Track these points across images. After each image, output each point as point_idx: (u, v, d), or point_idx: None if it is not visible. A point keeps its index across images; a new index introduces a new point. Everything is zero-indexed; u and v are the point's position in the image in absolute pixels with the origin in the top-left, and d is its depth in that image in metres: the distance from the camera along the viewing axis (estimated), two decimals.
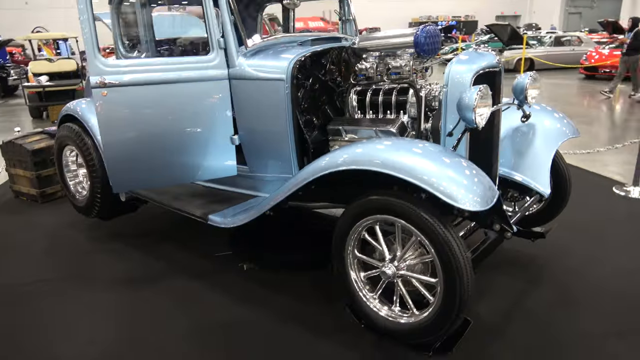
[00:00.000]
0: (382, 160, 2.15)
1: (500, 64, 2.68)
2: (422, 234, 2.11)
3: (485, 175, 2.19)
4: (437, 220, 2.07)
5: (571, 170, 3.12)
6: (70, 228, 4.30)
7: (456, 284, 2.06)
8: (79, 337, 2.73)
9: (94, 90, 2.74)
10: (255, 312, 2.87)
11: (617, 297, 2.97)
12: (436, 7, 38.59)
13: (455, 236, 2.07)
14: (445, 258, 2.06)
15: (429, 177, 2.03)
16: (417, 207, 2.10)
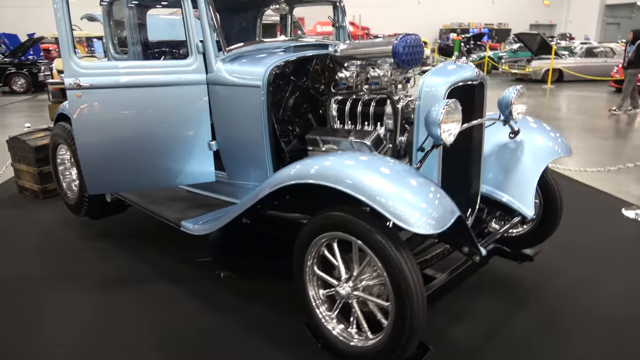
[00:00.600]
0: (336, 176, 2.05)
1: (480, 78, 2.54)
2: (375, 255, 2.01)
3: (446, 196, 2.07)
4: (389, 242, 1.97)
5: (580, 188, 2.97)
6: (64, 226, 4.35)
7: (406, 309, 1.95)
8: (48, 337, 2.74)
9: (68, 92, 2.75)
10: (226, 320, 2.84)
11: (607, 321, 2.82)
12: (468, 14, 38.01)
13: (408, 260, 1.96)
14: (396, 281, 1.96)
15: (381, 196, 1.93)
16: (371, 227, 2.00)
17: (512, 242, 3.30)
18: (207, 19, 2.89)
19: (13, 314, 2.99)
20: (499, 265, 3.38)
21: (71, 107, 2.78)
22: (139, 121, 2.93)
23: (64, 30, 2.66)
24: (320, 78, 3.11)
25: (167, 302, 3.07)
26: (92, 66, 2.79)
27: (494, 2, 38.26)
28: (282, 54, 3.02)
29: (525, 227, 3.31)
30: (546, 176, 3.09)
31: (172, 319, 2.89)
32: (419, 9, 37.99)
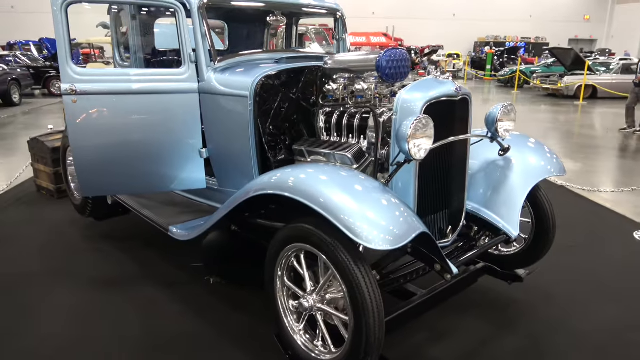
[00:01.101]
0: (295, 187, 2.07)
1: (461, 93, 2.50)
2: (335, 268, 2.01)
3: (410, 212, 2.05)
4: (348, 256, 1.96)
5: (592, 209, 2.86)
6: (71, 226, 4.50)
7: (362, 324, 1.93)
8: (38, 332, 2.85)
9: (64, 97, 2.87)
10: (208, 327, 2.89)
11: (594, 351, 2.71)
12: (505, 27, 37.42)
13: (365, 275, 1.95)
14: (353, 295, 1.94)
15: (337, 209, 1.93)
16: (331, 240, 2.00)
17: (505, 262, 3.22)
18: (200, 29, 2.97)
19: (8, 308, 3.12)
20: (491, 285, 3.31)
21: (67, 111, 2.89)
22: (131, 127, 3.02)
23: (62, 38, 2.78)
24: (312, 90, 3.13)
25: (155, 305, 3.14)
26: (87, 73, 2.91)
27: (531, 16, 37.54)
28: (274, 65, 3.05)
29: (517, 247, 3.22)
30: (538, 195, 3.01)
31: (158, 321, 2.97)
32: (454, 22, 37.67)
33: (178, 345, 2.72)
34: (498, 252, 3.29)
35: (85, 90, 2.87)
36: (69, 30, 2.80)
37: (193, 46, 3.03)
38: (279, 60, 3.16)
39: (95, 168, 3.04)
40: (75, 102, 2.87)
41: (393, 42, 36.41)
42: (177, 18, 2.94)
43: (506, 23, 37.33)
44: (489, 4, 37.48)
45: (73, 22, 2.86)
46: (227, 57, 3.14)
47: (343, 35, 3.86)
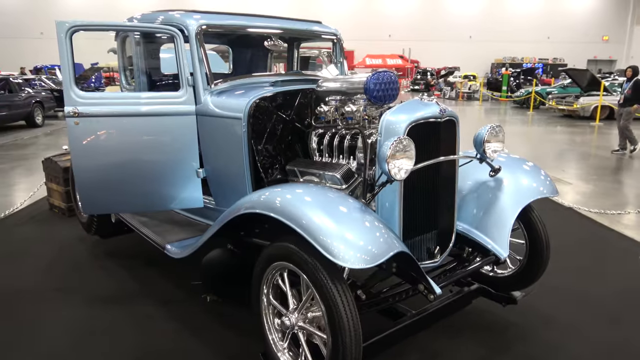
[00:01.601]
0: (281, 207, 2.12)
1: (446, 115, 2.53)
2: (314, 287, 2.04)
3: (388, 231, 2.08)
4: (326, 274, 1.99)
5: (599, 231, 2.82)
6: (78, 243, 4.62)
7: (339, 342, 1.95)
8: (36, 348, 2.92)
9: (67, 119, 3.00)
10: (202, 345, 2.93)
11: None
12: (522, 48, 37.44)
13: (343, 294, 1.98)
14: (330, 314, 1.97)
15: (314, 229, 1.97)
16: (309, 258, 2.04)
17: (500, 284, 3.20)
18: (197, 54, 3.09)
19: (9, 322, 3.21)
20: (487, 307, 3.28)
21: (69, 133, 3.02)
22: (131, 148, 3.13)
23: (66, 63, 2.92)
24: (307, 111, 3.21)
25: (153, 322, 3.20)
26: (90, 96, 3.04)
27: (549, 37, 37.49)
28: (269, 88, 3.15)
29: (512, 268, 3.20)
30: (531, 217, 3.00)
31: (154, 338, 3.02)
32: (471, 43, 37.85)
33: None
34: (493, 274, 3.28)
35: (87, 112, 3.00)
36: (73, 55, 2.94)
37: (191, 70, 3.14)
38: (274, 83, 3.25)
39: (96, 187, 3.15)
40: (78, 124, 3.00)
41: (409, 64, 36.72)
42: (175, 43, 3.07)
43: (523, 44, 37.36)
44: (506, 26, 37.61)
45: (95, 47, 3.00)
46: (225, 81, 3.24)
47: (340, 58, 3.95)
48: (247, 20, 3.51)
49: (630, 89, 9.45)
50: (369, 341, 2.39)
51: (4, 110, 12.16)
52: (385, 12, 38.11)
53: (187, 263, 3.70)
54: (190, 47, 3.09)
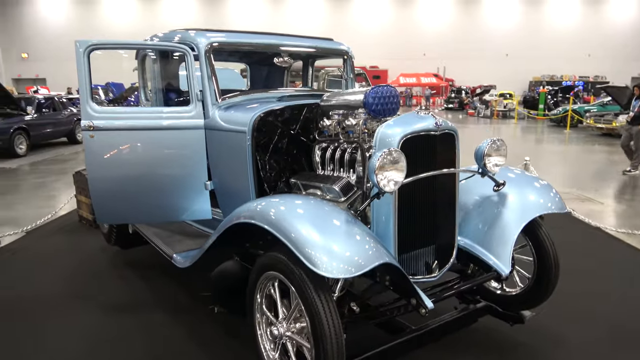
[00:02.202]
0: (273, 218, 2.16)
1: (442, 128, 2.52)
2: (299, 296, 2.06)
3: (376, 244, 2.09)
4: (309, 284, 2.01)
5: (626, 252, 2.69)
6: (101, 253, 4.80)
7: (320, 351, 1.95)
8: (50, 351, 3.05)
9: (83, 132, 3.16)
10: (206, 354, 3.00)
11: None
12: (562, 66, 36.53)
13: (326, 303, 1.98)
14: (312, 322, 1.98)
15: (299, 239, 2.01)
16: (295, 267, 2.06)
17: (508, 303, 3.11)
18: (206, 70, 3.21)
19: (28, 325, 3.37)
20: (496, 326, 3.19)
21: (85, 146, 3.18)
22: (141, 160, 3.26)
23: (84, 79, 3.09)
24: (312, 126, 3.26)
25: (162, 330, 3.29)
26: (104, 110, 3.20)
27: (589, 55, 36.48)
28: (275, 103, 3.22)
29: (521, 287, 3.11)
30: (539, 233, 2.92)
31: (162, 345, 3.12)
32: (507, 61, 37.27)
33: None
34: (501, 292, 3.19)
35: (101, 126, 3.15)
36: (90, 72, 3.11)
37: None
38: (281, 98, 3.33)
39: (109, 197, 3.29)
40: (93, 137, 3.15)
41: (444, 82, 36.45)
42: (186, 60, 3.20)
43: (562, 62, 36.49)
44: (544, 43, 36.88)
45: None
46: (233, 96, 3.34)
47: (350, 74, 4.00)
48: (257, 38, 3.62)
49: (639, 107, 9.04)
50: (364, 355, 2.38)
51: (49, 127, 12.82)
52: (419, 30, 38.12)
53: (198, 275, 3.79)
54: (200, 63, 3.22)
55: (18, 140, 11.55)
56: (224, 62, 4.74)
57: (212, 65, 3.21)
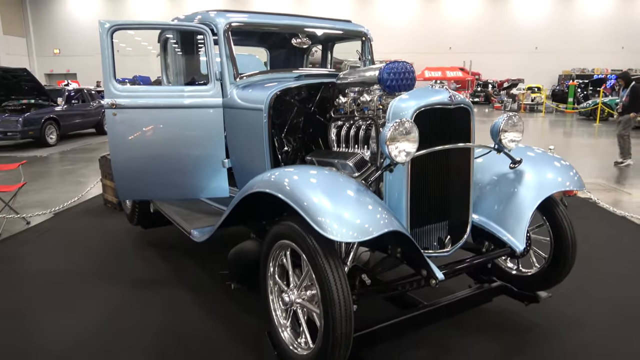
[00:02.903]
0: (281, 186, 2.20)
1: (456, 102, 2.50)
2: (309, 262, 2.09)
3: (384, 211, 2.11)
4: (319, 249, 2.03)
5: None
6: (124, 234, 4.94)
7: (329, 317, 1.98)
8: (75, 319, 3.19)
9: (106, 111, 3.26)
10: (222, 327, 3.07)
11: None
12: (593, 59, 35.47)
13: (334, 269, 2.01)
14: (322, 288, 2.01)
15: (309, 205, 2.03)
16: (306, 234, 2.09)
17: (523, 283, 3.08)
18: (224, 49, 3.26)
19: (55, 298, 3.52)
20: (512, 307, 3.17)
21: (108, 124, 3.28)
22: (162, 138, 3.34)
23: (107, 58, 3.19)
24: (329, 105, 3.28)
25: (181, 305, 3.38)
26: (127, 89, 3.29)
27: (623, 47, 35.31)
28: (292, 81, 3.25)
29: (537, 267, 3.07)
30: (557, 212, 2.88)
31: (180, 319, 3.20)
32: (536, 55, 36.39)
33: (192, 341, 2.91)
34: (517, 272, 3.16)
35: (123, 104, 3.24)
36: (113, 52, 3.20)
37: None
38: (298, 78, 3.35)
39: (129, 174, 3.38)
40: (115, 115, 3.25)
41: (470, 77, 35.85)
42: (205, 40, 3.26)
43: (594, 55, 35.41)
44: (575, 36, 35.87)
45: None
46: (251, 75, 3.39)
47: (368, 56, 3.99)
48: (275, 19, 3.65)
49: (628, 97, 8.80)
50: (373, 327, 2.40)
51: (78, 118, 13.18)
52: (445, 24, 37.54)
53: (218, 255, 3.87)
54: (219, 43, 3.27)
55: (49, 130, 11.92)
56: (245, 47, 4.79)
57: (231, 45, 3.26)
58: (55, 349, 2.83)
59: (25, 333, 3.01)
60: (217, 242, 4.37)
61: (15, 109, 11.77)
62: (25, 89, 11.87)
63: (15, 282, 3.78)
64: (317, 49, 4.56)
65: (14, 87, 11.74)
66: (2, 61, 27.58)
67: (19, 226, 5.26)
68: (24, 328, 3.07)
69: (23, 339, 2.93)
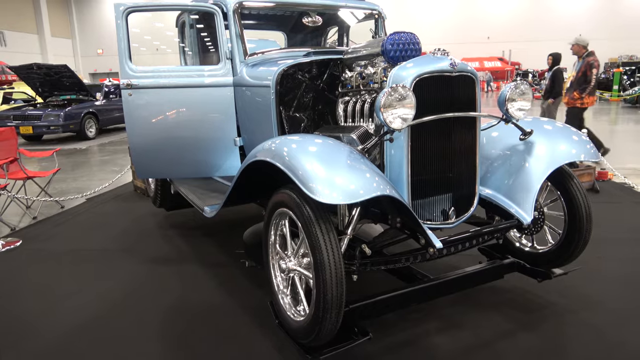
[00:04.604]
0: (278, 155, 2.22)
1: (458, 70, 2.44)
2: (302, 227, 2.10)
3: (376, 176, 2.09)
4: (312, 214, 2.05)
5: None
6: (150, 217, 5.11)
7: (320, 281, 1.99)
8: (99, 288, 3.36)
9: (122, 92, 3.37)
10: (234, 300, 3.14)
11: None
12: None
13: (326, 233, 2.02)
14: (313, 252, 2.02)
15: (299, 169, 2.05)
16: (300, 201, 2.11)
17: (537, 260, 2.99)
18: (234, 29, 3.31)
19: (81, 273, 3.70)
20: (526, 285, 3.10)
21: (124, 104, 3.39)
22: (175, 117, 3.43)
23: (123, 40, 3.30)
24: (337, 82, 3.27)
25: (195, 280, 3.49)
26: (141, 69, 3.39)
27: None
28: (300, 58, 3.26)
29: (552, 244, 2.98)
30: (571, 185, 2.77)
31: (192, 290, 3.32)
32: None
33: (205, 313, 2.99)
34: (530, 249, 3.07)
35: (138, 84, 3.35)
36: (128, 34, 3.30)
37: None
38: (307, 55, 3.36)
39: (147, 154, 3.49)
40: (131, 95, 3.36)
41: (509, 66, 34.79)
42: (215, 20, 3.32)
43: None
44: (622, 21, 34.18)
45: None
46: (260, 53, 3.42)
47: (382, 34, 3.95)
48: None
49: (550, 80, 7.72)
50: (376, 298, 2.40)
51: (116, 112, 13.66)
52: (483, 13, 36.54)
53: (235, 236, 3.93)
54: (229, 22, 3.32)
55: (88, 124, 12.42)
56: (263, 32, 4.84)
57: (241, 24, 3.31)
58: (79, 317, 2.98)
59: (51, 304, 3.17)
60: (235, 225, 4.51)
61: (58, 104, 12.32)
62: (66, 84, 12.41)
63: (47, 259, 3.99)
64: (334, 31, 4.55)
65: (56, 83, 12.30)
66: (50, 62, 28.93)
67: (54, 210, 5.52)
68: (51, 299, 3.24)
69: (49, 310, 3.09)
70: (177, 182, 4.20)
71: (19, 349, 2.65)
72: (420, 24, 29.65)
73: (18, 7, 29.24)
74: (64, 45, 34.73)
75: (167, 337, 2.72)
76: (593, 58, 6.98)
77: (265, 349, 2.55)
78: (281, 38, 4.83)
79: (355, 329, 2.27)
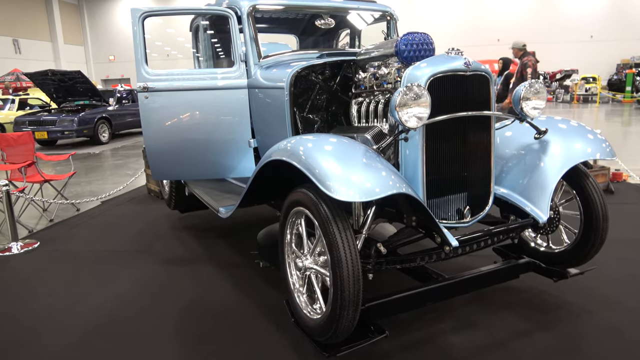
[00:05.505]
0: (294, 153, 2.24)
1: (472, 69, 2.45)
2: (319, 225, 2.12)
3: (392, 175, 2.10)
4: (329, 213, 2.06)
5: None
6: (164, 219, 5.17)
7: (337, 278, 2.01)
8: (109, 293, 3.37)
9: (139, 95, 3.42)
10: (249, 301, 3.15)
11: None
12: None
13: (343, 232, 2.03)
14: (330, 249, 2.04)
15: (316, 167, 2.06)
16: (318, 200, 2.13)
17: (552, 260, 2.98)
18: (249, 32, 3.35)
19: (96, 274, 3.74)
20: (542, 285, 3.08)
21: (140, 107, 3.44)
22: (191, 119, 3.48)
23: (139, 44, 3.36)
24: (351, 83, 3.30)
25: (210, 280, 3.51)
26: (157, 73, 3.44)
27: None
28: (314, 60, 3.29)
29: (567, 243, 2.96)
30: (587, 185, 2.76)
31: (206, 291, 3.34)
32: (592, 44, 34.60)
33: (221, 312, 3.01)
34: (546, 249, 3.06)
35: (154, 87, 3.40)
36: (145, 38, 3.36)
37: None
38: (320, 56, 3.39)
39: (163, 156, 3.54)
40: (147, 98, 3.41)
41: None
42: (230, 23, 3.36)
43: None
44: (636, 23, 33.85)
45: None
46: (274, 55, 3.46)
47: (394, 36, 3.97)
48: (299, 0, 3.70)
49: (501, 84, 7.77)
50: (392, 297, 2.41)
51: (128, 117, 13.82)
52: (493, 15, 36.41)
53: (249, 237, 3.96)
54: (243, 25, 3.37)
55: (101, 129, 12.58)
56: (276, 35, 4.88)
57: (255, 27, 3.35)
58: (98, 316, 3.02)
59: (69, 303, 3.22)
60: (249, 227, 4.54)
61: (72, 110, 12.50)
62: (80, 90, 12.58)
63: (64, 260, 4.05)
64: (345, 33, 4.59)
65: (70, 89, 12.48)
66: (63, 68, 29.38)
67: (70, 212, 5.60)
68: (69, 299, 3.29)
69: (68, 309, 3.14)
70: (191, 184, 4.25)
71: (39, 345, 2.70)
72: (429, 27, 29.58)
73: (32, 16, 29.75)
74: (77, 52, 35.21)
75: (184, 336, 2.75)
76: (527, 58, 6.97)
77: (281, 347, 2.57)
78: (293, 41, 4.89)
79: (371, 327, 2.27)
